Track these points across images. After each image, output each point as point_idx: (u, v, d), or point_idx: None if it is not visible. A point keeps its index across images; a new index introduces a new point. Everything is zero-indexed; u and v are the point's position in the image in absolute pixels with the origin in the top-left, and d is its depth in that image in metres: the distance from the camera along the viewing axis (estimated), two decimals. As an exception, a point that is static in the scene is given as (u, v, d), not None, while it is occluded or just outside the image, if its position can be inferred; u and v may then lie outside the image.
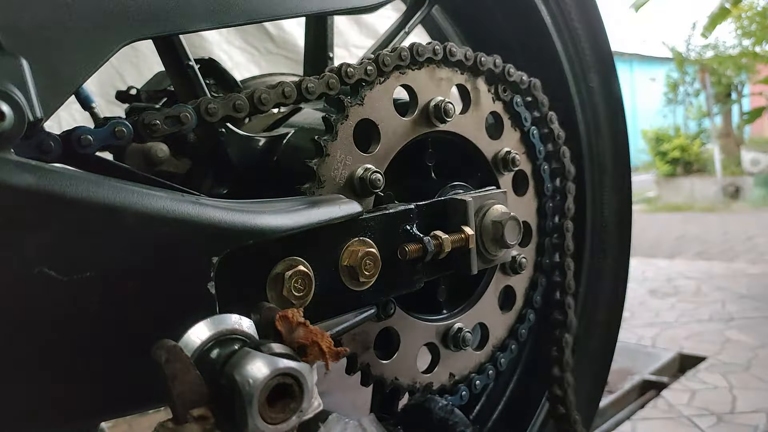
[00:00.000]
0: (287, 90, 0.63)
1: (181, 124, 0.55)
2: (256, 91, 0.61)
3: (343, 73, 0.66)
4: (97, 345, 0.42)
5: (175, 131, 0.54)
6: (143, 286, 0.42)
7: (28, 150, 0.44)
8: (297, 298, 0.53)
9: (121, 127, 0.51)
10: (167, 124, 0.54)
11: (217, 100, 0.58)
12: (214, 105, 0.58)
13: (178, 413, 0.38)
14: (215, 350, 0.41)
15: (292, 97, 0.64)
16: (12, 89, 0.41)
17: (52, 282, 0.39)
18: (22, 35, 0.43)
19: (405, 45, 0.73)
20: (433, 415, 0.67)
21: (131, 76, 1.86)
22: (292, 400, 0.39)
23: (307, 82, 0.64)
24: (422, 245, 0.63)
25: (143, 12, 0.50)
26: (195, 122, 0.56)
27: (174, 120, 0.55)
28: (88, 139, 0.50)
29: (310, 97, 0.65)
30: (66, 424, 0.43)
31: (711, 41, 10.71)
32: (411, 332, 0.76)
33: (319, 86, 0.65)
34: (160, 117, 0.53)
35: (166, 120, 0.54)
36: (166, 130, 0.54)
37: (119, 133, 0.51)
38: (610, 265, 1.05)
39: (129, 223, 0.41)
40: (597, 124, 0.99)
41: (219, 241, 0.45)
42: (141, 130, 0.53)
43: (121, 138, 0.51)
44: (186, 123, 0.55)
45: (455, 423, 0.64)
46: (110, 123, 0.51)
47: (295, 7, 0.62)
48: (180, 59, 0.76)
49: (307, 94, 0.64)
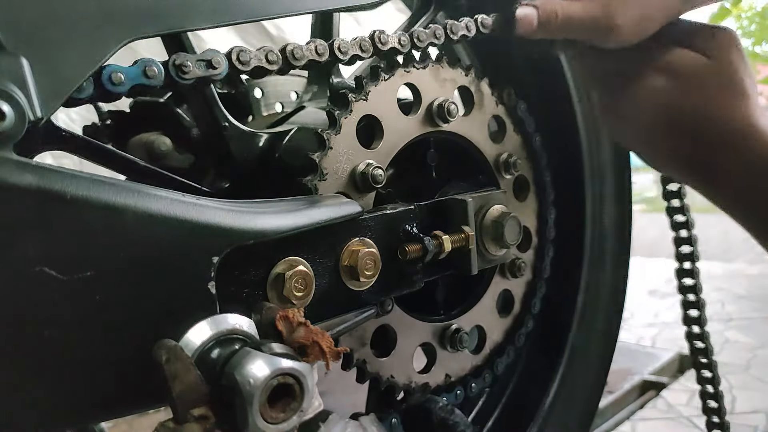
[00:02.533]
0: (320, 47, 0.64)
1: (212, 68, 0.56)
2: (289, 45, 0.62)
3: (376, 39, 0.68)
4: (96, 344, 0.42)
5: (205, 75, 0.55)
6: (143, 286, 0.42)
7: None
8: (297, 298, 0.53)
9: (152, 66, 0.52)
10: (198, 66, 0.55)
11: (249, 51, 0.59)
12: (246, 54, 0.58)
13: (178, 413, 0.38)
14: (216, 350, 0.41)
15: (324, 55, 0.64)
16: (12, 88, 0.41)
17: (52, 281, 0.39)
18: (22, 34, 0.43)
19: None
20: (434, 415, 0.67)
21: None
22: (293, 400, 0.39)
23: (339, 41, 0.65)
24: (422, 245, 0.63)
25: (143, 11, 0.50)
26: (226, 69, 0.57)
27: (206, 64, 0.56)
28: (120, 77, 0.50)
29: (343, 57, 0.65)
30: (65, 425, 0.43)
31: (711, 41, 10.69)
32: (408, 331, 0.76)
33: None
34: (192, 59, 0.55)
35: (197, 63, 0.55)
36: (197, 74, 0.55)
37: (150, 72, 0.52)
38: (609, 275, 1.05)
39: (129, 222, 0.41)
40: (598, 133, 0.99)
41: (219, 241, 0.45)
42: (172, 71, 0.54)
43: (152, 78, 0.52)
44: (217, 68, 0.56)
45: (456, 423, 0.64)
46: (140, 61, 0.52)
47: (296, 5, 0.62)
48: (186, 54, 0.76)
49: (339, 53, 0.65)
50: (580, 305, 1.01)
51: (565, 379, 1.00)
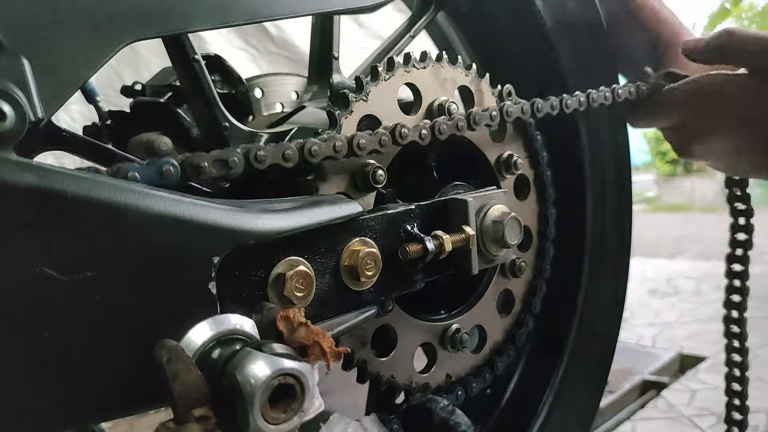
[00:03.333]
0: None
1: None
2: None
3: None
4: (97, 345, 0.42)
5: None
6: (144, 286, 0.42)
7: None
8: (298, 298, 0.53)
9: (168, 167, 0.49)
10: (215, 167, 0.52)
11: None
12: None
13: (179, 413, 0.38)
14: (216, 350, 0.41)
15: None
16: (13, 89, 0.41)
17: (53, 281, 0.39)
18: (22, 34, 0.43)
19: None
20: (435, 415, 0.67)
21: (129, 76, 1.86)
22: (294, 401, 0.39)
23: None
24: (423, 245, 0.63)
25: (144, 12, 0.50)
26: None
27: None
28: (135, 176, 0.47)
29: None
30: (66, 425, 0.43)
31: (711, 41, 10.68)
32: (409, 331, 0.76)
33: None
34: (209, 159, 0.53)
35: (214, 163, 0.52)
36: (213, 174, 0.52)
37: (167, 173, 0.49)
38: (609, 275, 1.05)
39: (130, 222, 0.41)
40: (598, 134, 0.99)
41: (220, 241, 0.45)
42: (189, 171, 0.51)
43: (168, 177, 0.49)
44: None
45: (457, 423, 0.64)
46: (159, 162, 0.48)
47: (297, 6, 0.62)
48: (187, 54, 0.76)
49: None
50: (580, 305, 1.01)
51: (566, 379, 1.00)
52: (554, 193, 0.89)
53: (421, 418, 0.68)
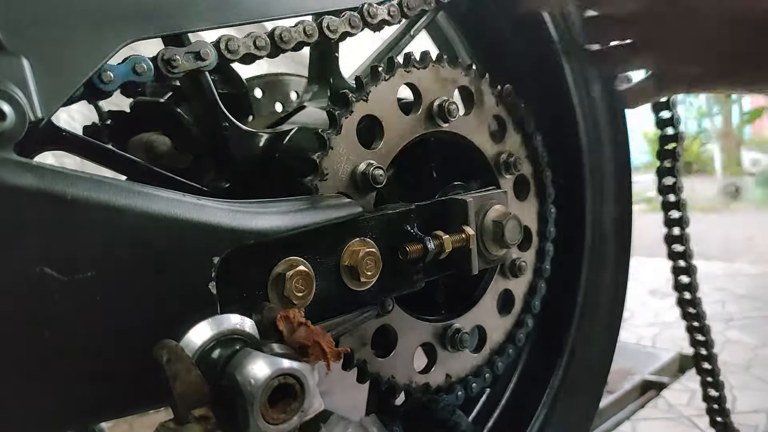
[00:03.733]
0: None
1: (201, 60, 0.56)
2: (277, 29, 0.63)
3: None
4: (97, 345, 0.42)
5: (194, 68, 0.56)
6: (144, 286, 0.42)
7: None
8: (298, 298, 0.53)
9: (141, 64, 0.53)
10: (187, 59, 0.55)
11: (237, 39, 0.60)
12: (234, 42, 0.59)
13: (179, 413, 0.38)
14: (216, 350, 0.41)
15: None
16: (13, 89, 0.41)
17: (53, 281, 0.39)
18: (22, 34, 0.43)
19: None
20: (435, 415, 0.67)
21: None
22: (294, 401, 0.39)
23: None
24: (423, 245, 0.63)
25: (144, 12, 0.50)
26: (215, 59, 0.57)
27: (195, 56, 0.56)
28: (109, 75, 0.50)
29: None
30: (66, 425, 0.43)
31: (711, 41, 10.66)
32: (409, 331, 0.76)
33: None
34: (180, 53, 0.55)
35: (185, 55, 0.55)
36: (186, 66, 0.55)
37: (139, 68, 0.53)
38: (609, 276, 1.05)
39: (129, 223, 0.41)
40: (598, 134, 0.99)
41: (220, 241, 0.45)
42: (161, 66, 0.54)
43: (142, 74, 0.53)
44: (206, 59, 0.57)
45: (457, 423, 0.64)
46: (130, 58, 0.52)
47: (296, 6, 0.62)
48: (187, 54, 0.76)
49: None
50: (580, 305, 1.01)
51: (565, 379, 1.00)
52: (554, 193, 0.89)
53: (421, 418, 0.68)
